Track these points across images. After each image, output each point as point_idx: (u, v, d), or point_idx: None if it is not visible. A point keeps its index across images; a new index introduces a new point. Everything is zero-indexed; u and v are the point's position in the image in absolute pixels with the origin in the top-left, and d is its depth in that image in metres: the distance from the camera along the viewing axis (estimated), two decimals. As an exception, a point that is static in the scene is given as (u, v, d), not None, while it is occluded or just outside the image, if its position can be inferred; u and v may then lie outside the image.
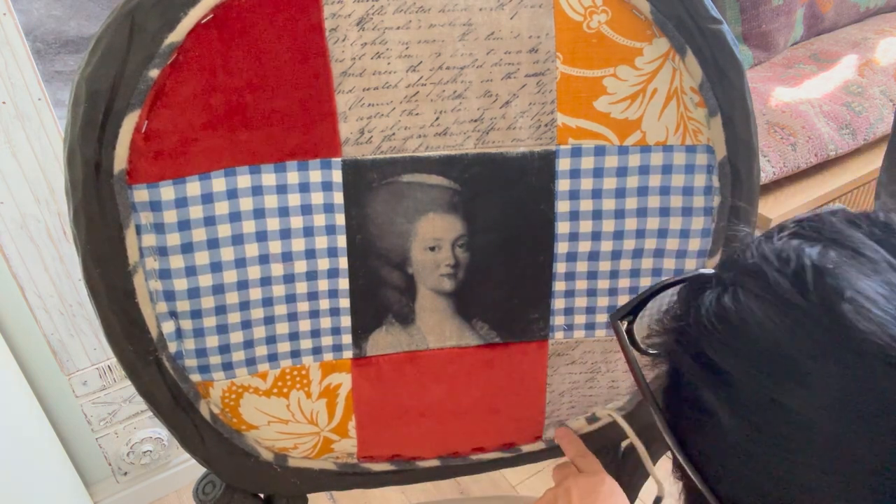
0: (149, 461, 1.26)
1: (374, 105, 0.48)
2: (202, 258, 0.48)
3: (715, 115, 0.50)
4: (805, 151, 1.16)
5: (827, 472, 0.25)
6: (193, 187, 0.47)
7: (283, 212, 0.49)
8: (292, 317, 0.52)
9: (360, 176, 0.50)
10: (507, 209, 0.52)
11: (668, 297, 0.34)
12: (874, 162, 1.24)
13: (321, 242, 0.51)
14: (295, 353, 0.54)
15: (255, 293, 0.51)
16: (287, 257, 0.50)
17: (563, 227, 0.53)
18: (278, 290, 0.51)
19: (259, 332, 0.52)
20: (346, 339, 0.54)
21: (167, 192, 0.46)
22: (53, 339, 1.07)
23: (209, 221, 0.48)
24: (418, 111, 0.49)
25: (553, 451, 0.63)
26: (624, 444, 0.66)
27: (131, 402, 1.19)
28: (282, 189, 0.49)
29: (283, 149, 0.48)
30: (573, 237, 0.54)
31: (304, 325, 0.53)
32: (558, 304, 0.56)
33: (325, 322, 0.53)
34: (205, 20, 0.44)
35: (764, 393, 0.27)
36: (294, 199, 0.49)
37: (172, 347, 0.50)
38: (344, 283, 0.52)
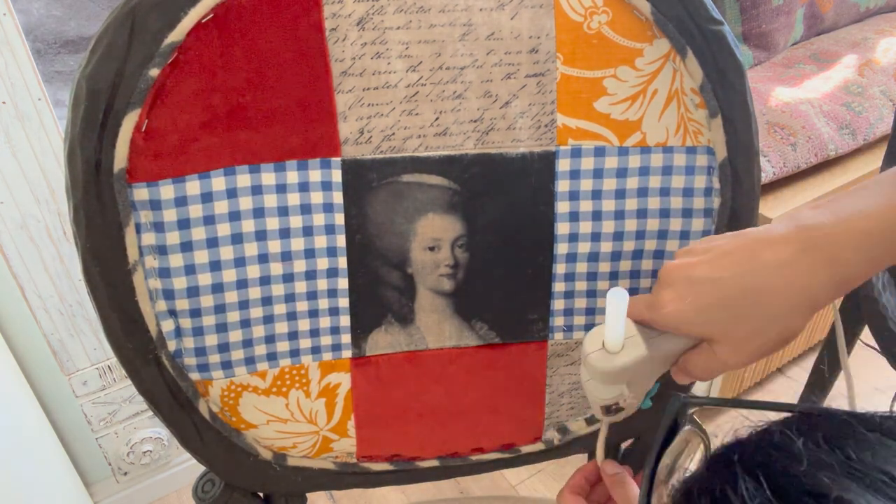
0: (149, 461, 1.26)
1: (374, 105, 0.48)
2: (201, 257, 0.49)
3: (716, 117, 0.50)
4: (805, 151, 1.16)
5: None
6: (193, 186, 0.47)
7: (283, 211, 0.49)
8: (291, 316, 0.52)
9: (360, 176, 0.50)
10: (507, 210, 0.52)
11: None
12: (874, 162, 1.24)
13: (320, 242, 0.51)
14: (294, 353, 0.54)
15: (255, 292, 0.51)
16: (286, 256, 0.50)
17: (562, 228, 0.53)
18: (277, 290, 0.51)
19: (258, 331, 0.52)
20: (346, 338, 0.54)
21: (167, 190, 0.46)
22: (53, 339, 1.07)
23: (209, 220, 0.48)
24: (418, 111, 0.49)
25: (552, 451, 0.63)
26: (624, 445, 0.66)
27: (131, 402, 1.19)
28: (281, 188, 0.49)
29: (282, 148, 0.48)
30: (573, 238, 0.54)
31: (304, 325, 0.53)
32: (558, 304, 0.56)
33: (325, 321, 0.53)
34: (205, 20, 0.44)
35: None
36: (293, 199, 0.49)
37: (172, 346, 0.50)
38: (343, 283, 0.52)
